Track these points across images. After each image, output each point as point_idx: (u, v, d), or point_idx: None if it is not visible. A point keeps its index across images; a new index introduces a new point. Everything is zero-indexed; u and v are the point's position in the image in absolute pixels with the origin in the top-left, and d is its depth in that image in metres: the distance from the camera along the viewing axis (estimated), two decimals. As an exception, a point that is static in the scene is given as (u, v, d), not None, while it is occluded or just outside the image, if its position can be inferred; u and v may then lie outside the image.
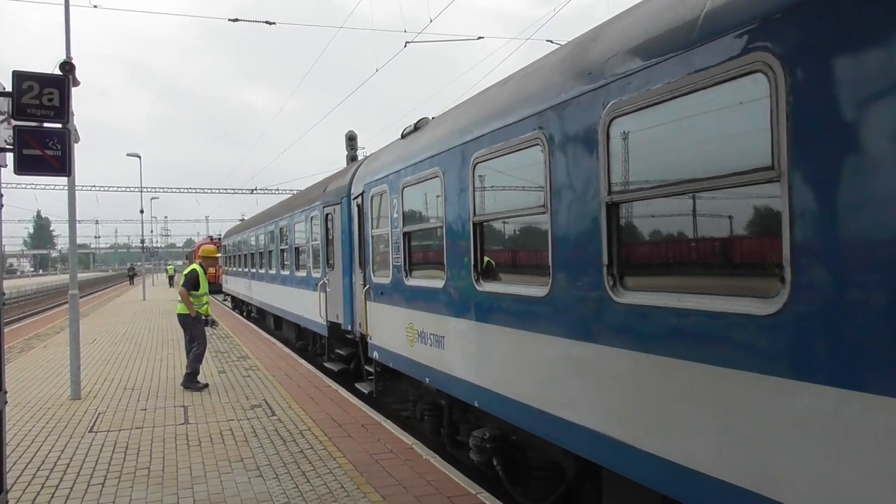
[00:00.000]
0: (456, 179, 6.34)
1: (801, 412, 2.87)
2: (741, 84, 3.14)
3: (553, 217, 4.70)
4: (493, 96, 6.07)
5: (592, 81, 4.27)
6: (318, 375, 11.73)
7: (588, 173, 4.28)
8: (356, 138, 24.66)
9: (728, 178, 3.27)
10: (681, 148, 3.73)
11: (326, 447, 7.15)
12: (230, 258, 30.86)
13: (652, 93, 3.71)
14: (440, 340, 6.85)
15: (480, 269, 5.98)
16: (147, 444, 7.48)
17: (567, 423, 4.64)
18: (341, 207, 11.36)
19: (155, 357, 14.37)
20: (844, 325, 2.68)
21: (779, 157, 2.94)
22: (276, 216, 18.44)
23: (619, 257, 4.09)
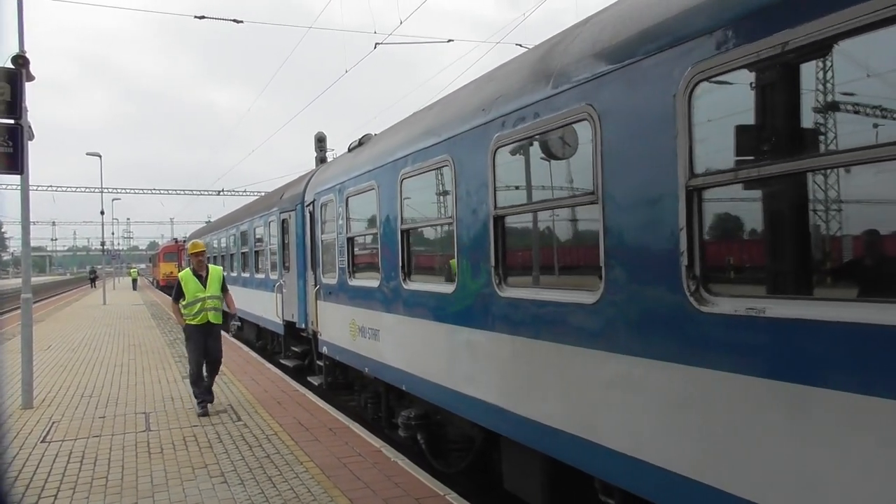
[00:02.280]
0: (388, 192, 7.26)
1: (611, 376, 3.86)
2: (573, 129, 4.13)
3: (457, 226, 5.64)
4: (419, 120, 7.02)
5: (484, 116, 5.23)
6: (285, 379, 11.70)
7: (480, 192, 5.24)
8: (326, 140, 25.21)
9: (569, 199, 4.26)
10: (541, 174, 4.72)
11: (293, 451, 7.08)
12: (193, 261, 31.25)
13: (523, 129, 4.69)
14: (376, 333, 7.76)
15: (407, 270, 6.91)
16: (105, 453, 7.22)
17: (471, 398, 5.59)
18: (296, 214, 12.19)
19: (115, 363, 13.95)
20: (633, 309, 3.68)
21: (598, 185, 3.92)
22: (238, 220, 19.15)
23: (503, 260, 5.06)
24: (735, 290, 3.16)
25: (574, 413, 4.21)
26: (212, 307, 9.18)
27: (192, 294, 9.07)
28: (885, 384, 2.44)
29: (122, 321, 24.82)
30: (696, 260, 3.26)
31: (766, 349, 2.91)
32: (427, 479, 6.06)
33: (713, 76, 3.16)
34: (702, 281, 3.25)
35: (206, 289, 9.16)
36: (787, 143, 2.91)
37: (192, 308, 9.10)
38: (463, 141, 5.56)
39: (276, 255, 13.96)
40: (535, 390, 4.64)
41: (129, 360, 14.49)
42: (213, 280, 9.25)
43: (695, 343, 3.28)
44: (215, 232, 23.93)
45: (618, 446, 3.81)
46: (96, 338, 19.30)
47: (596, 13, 4.55)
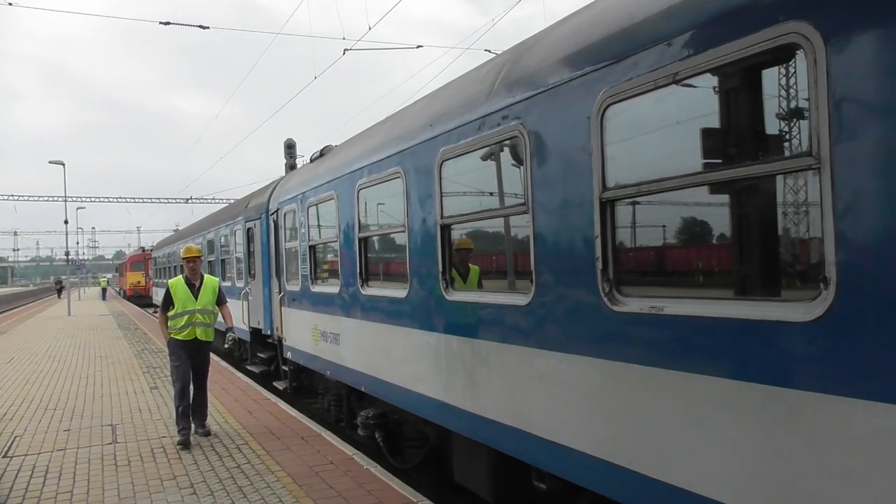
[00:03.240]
0: (346, 201, 7.58)
1: (541, 371, 4.23)
2: (507, 145, 4.51)
3: (409, 234, 5.99)
4: (374, 134, 7.36)
5: (431, 131, 5.59)
6: (256, 388, 11.66)
7: (428, 202, 5.59)
8: (295, 146, 25.33)
9: (506, 209, 4.64)
10: (481, 186, 5.09)
11: (264, 461, 7.04)
12: (161, 270, 31.15)
13: (465, 144, 5.06)
14: (337, 338, 8.06)
15: (365, 276, 7.23)
16: (70, 467, 7.07)
17: (423, 396, 5.93)
18: (261, 222, 12.42)
19: (80, 375, 13.77)
20: (560, 310, 4.06)
21: (528, 196, 4.30)
22: (205, 229, 19.24)
23: (450, 267, 5.42)
24: (641, 291, 3.56)
25: (510, 406, 4.58)
26: (202, 322, 8.04)
27: (181, 304, 7.97)
28: (755, 371, 2.84)
29: (87, 332, 24.51)
30: (610, 264, 3.65)
31: (664, 343, 3.31)
32: (400, 487, 6.06)
33: (621, 100, 3.55)
34: (614, 283, 3.64)
35: (198, 300, 8.03)
36: (677, 162, 3.32)
37: (178, 320, 7.97)
38: (412, 154, 5.92)
39: (241, 264, 14.15)
40: (478, 386, 5.00)
41: (95, 371, 14.35)
42: (207, 291, 8.13)
43: (609, 339, 3.66)
44: (183, 241, 23.92)
45: (546, 434, 4.18)
46: (60, 349, 19.02)
47: (529, 37, 4.95)
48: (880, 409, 2.39)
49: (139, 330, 24.91)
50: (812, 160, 2.59)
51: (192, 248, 8.37)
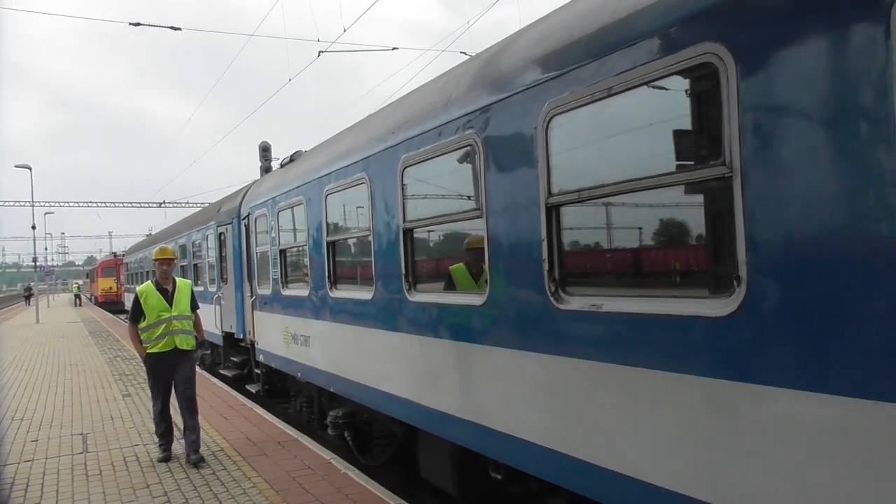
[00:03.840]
0: (315, 206, 7.75)
1: (495, 367, 4.47)
2: (463, 153, 4.74)
3: (374, 238, 6.19)
4: (341, 140, 7.55)
5: (394, 138, 5.81)
6: (232, 394, 11.56)
7: (392, 207, 5.80)
8: (270, 149, 25.30)
9: (462, 214, 4.88)
10: (441, 191, 5.32)
11: (241, 467, 6.96)
12: (133, 275, 30.90)
13: (425, 151, 5.27)
14: (307, 340, 8.23)
15: (333, 279, 7.41)
16: (38, 478, 6.89)
17: (389, 395, 6.13)
18: (233, 227, 12.51)
19: (49, 384, 13.47)
20: (511, 309, 4.30)
21: (482, 201, 4.53)
22: (177, 233, 19.22)
23: (413, 269, 5.63)
24: (583, 291, 3.80)
25: (469, 402, 4.80)
26: (180, 329, 7.25)
27: (153, 313, 7.16)
28: (680, 363, 3.10)
29: (57, 340, 24.07)
30: (555, 265, 3.89)
31: (603, 338, 3.56)
32: (378, 490, 6.08)
33: (564, 112, 3.80)
34: (560, 283, 3.88)
35: (173, 306, 7.25)
36: (612, 170, 3.57)
37: (153, 331, 7.19)
38: (377, 160, 6.12)
39: (214, 268, 14.21)
40: (439, 383, 5.22)
41: (65, 379, 14.10)
42: (182, 296, 7.35)
43: (555, 336, 3.91)
44: (155, 245, 23.83)
45: (501, 427, 4.41)
46: (28, 358, 18.58)
47: (485, 49, 5.18)
48: (786, 395, 2.66)
49: (111, 336, 24.69)
50: (725, 169, 2.86)
51: (166, 250, 7.61)
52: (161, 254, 7.54)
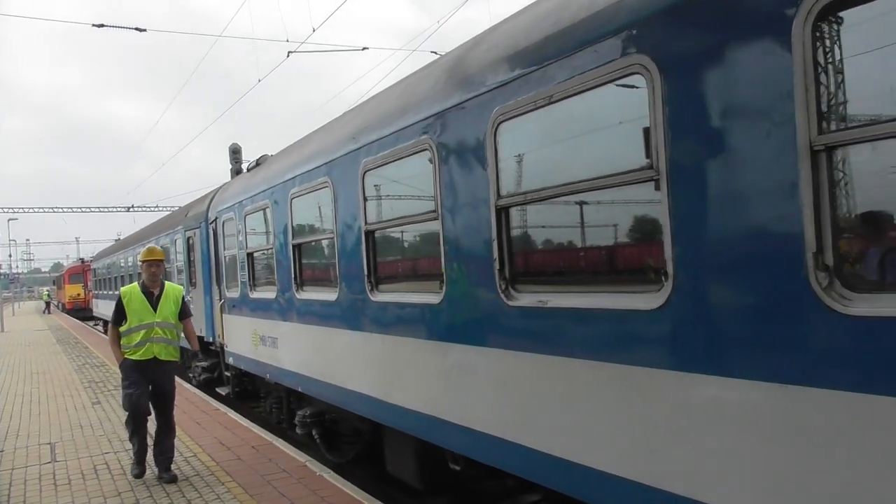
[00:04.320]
0: (280, 210, 7.87)
1: (452, 363, 4.66)
2: (419, 157, 4.92)
3: (338, 240, 6.34)
4: (305, 145, 7.68)
5: (355, 143, 5.96)
6: (205, 399, 11.43)
7: (354, 210, 5.96)
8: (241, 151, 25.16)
9: (420, 216, 5.06)
10: (400, 194, 5.50)
11: (214, 472, 6.89)
12: (100, 281, 30.51)
13: (384, 156, 5.44)
14: (275, 341, 8.34)
15: (300, 281, 7.53)
16: (4, 489, 6.72)
17: (355, 393, 6.28)
18: (201, 231, 12.53)
19: (15, 393, 13.21)
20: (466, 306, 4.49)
21: (437, 204, 4.72)
22: (145, 238, 19.07)
23: (375, 270, 5.79)
24: (531, 288, 4.01)
25: (429, 397, 4.99)
26: (161, 338, 6.71)
27: (136, 317, 6.67)
28: (617, 354, 3.32)
29: (23, 348, 23.60)
30: (506, 264, 4.09)
31: (549, 332, 3.77)
32: (354, 491, 6.06)
33: (511, 118, 4.00)
34: (509, 281, 4.08)
35: (158, 312, 6.73)
36: (554, 173, 3.78)
37: (133, 336, 6.67)
38: (339, 165, 6.27)
39: (182, 273, 14.19)
40: (402, 380, 5.39)
41: (32, 388, 13.86)
42: (168, 301, 6.83)
43: (506, 331, 4.11)
44: (122, 251, 23.61)
45: (459, 420, 4.60)
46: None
47: (439, 57, 5.37)
48: (709, 381, 2.89)
49: (79, 344, 24.35)
50: (653, 172, 3.08)
51: (154, 250, 6.99)
52: (148, 254, 6.91)
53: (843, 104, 2.45)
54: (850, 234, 2.50)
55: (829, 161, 2.44)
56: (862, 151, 2.45)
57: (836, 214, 2.44)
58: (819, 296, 2.44)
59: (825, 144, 2.43)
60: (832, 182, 2.44)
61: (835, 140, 2.42)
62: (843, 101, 2.45)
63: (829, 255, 2.44)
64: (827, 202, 2.44)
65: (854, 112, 2.45)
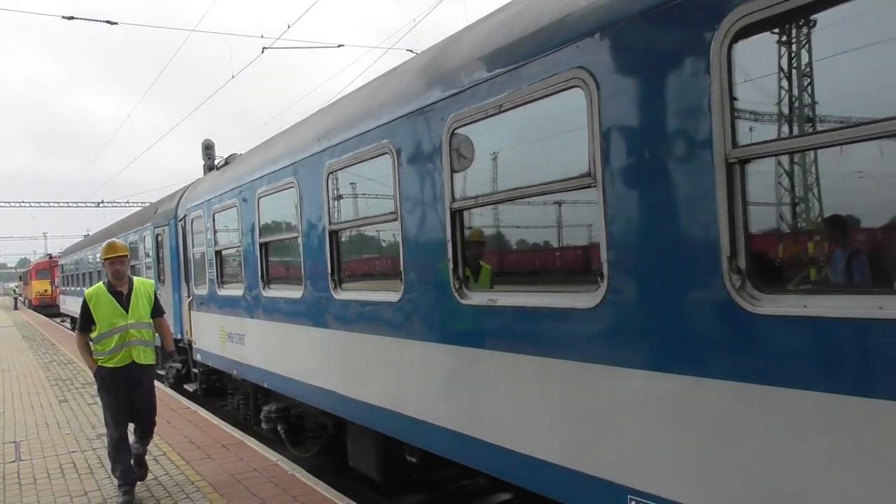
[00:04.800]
0: (248, 208, 7.97)
1: (410, 359, 4.83)
2: (380, 160, 5.09)
3: (303, 239, 6.48)
4: (272, 145, 7.79)
5: (319, 145, 6.11)
6: (175, 397, 11.35)
7: (318, 210, 6.10)
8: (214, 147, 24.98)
9: (381, 217, 5.24)
10: (362, 196, 5.66)
11: (184, 471, 6.83)
12: (68, 277, 30.11)
13: (347, 158, 5.60)
14: (242, 338, 8.43)
15: (266, 279, 7.65)
16: None
17: (319, 388, 6.42)
18: (170, 228, 12.53)
19: None
20: (422, 305, 4.67)
21: (397, 206, 4.89)
22: (113, 235, 18.92)
23: (338, 268, 5.95)
24: (482, 287, 4.20)
25: (389, 392, 5.16)
26: (139, 340, 6.09)
27: (106, 321, 6.00)
28: (558, 350, 3.53)
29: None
30: (459, 264, 4.28)
31: (498, 329, 3.97)
32: (325, 490, 6.03)
33: (464, 125, 4.19)
34: (462, 280, 4.27)
35: (130, 312, 6.07)
36: (504, 179, 3.98)
37: (106, 342, 6.01)
38: (304, 166, 6.41)
39: (151, 270, 14.15)
40: (363, 376, 5.56)
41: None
42: (140, 299, 6.17)
43: (459, 328, 4.30)
44: (90, 247, 23.36)
45: (416, 414, 4.79)
46: (-45, 366, 17.79)
47: (400, 64, 5.54)
48: (639, 375, 3.10)
49: (46, 340, 24.02)
50: (590, 179, 3.29)
51: (116, 245, 6.23)
52: (110, 251, 6.15)
53: (754, 121, 2.68)
54: (760, 240, 2.72)
55: (742, 172, 2.67)
56: (771, 164, 2.68)
57: (749, 221, 2.67)
58: (732, 296, 2.67)
59: (738, 157, 2.65)
60: (744, 192, 2.67)
61: (747, 153, 2.64)
62: (754, 118, 2.68)
63: (742, 259, 2.67)
64: (740, 210, 2.67)
65: (764, 128, 2.68)
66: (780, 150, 2.61)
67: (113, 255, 6.13)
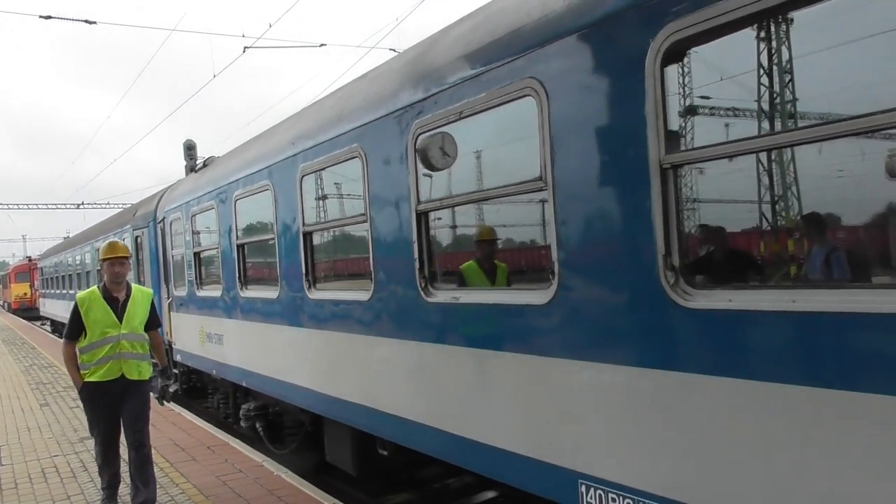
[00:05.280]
0: (225, 211, 8.10)
1: (381, 355, 5.02)
2: (351, 164, 5.27)
3: (278, 241, 6.63)
4: (248, 149, 7.93)
5: (293, 149, 6.27)
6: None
7: (293, 212, 6.26)
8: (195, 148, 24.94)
9: (352, 219, 5.41)
10: (334, 197, 5.84)
11: (168, 474, 6.79)
12: (48, 280, 29.91)
13: (319, 161, 5.76)
14: (220, 338, 8.56)
15: (244, 280, 7.79)
16: None
17: (295, 386, 6.59)
18: (149, 230, 12.59)
19: None
20: (391, 303, 4.86)
21: (367, 208, 5.07)
22: (93, 237, 18.90)
23: (312, 269, 6.12)
24: (446, 286, 4.40)
25: (362, 388, 5.34)
26: (131, 353, 5.51)
27: (97, 329, 5.41)
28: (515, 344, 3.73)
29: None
30: (425, 264, 4.47)
31: (460, 325, 4.16)
32: (312, 491, 6.00)
33: (428, 130, 4.38)
34: (428, 279, 4.46)
35: (124, 322, 5.48)
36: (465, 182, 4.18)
37: (94, 352, 5.41)
38: (279, 169, 6.56)
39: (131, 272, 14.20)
40: (337, 373, 5.73)
41: None
42: (137, 308, 5.60)
43: (425, 325, 4.49)
44: (70, 250, 23.26)
45: (388, 409, 4.97)
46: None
47: (369, 70, 5.72)
48: (588, 367, 3.31)
49: (27, 344, 23.89)
50: (542, 183, 3.49)
51: (116, 245, 5.69)
52: (110, 251, 5.59)
53: (685, 129, 2.89)
54: (691, 239, 2.94)
55: (675, 177, 2.88)
56: (701, 169, 2.90)
57: (681, 222, 2.88)
58: (667, 292, 2.88)
59: (671, 163, 2.86)
60: (677, 195, 2.88)
61: (679, 160, 2.86)
62: (685, 127, 2.89)
63: (676, 257, 2.88)
64: (674, 211, 2.88)
65: (695, 136, 2.89)
66: (708, 156, 2.83)
67: (112, 255, 5.55)
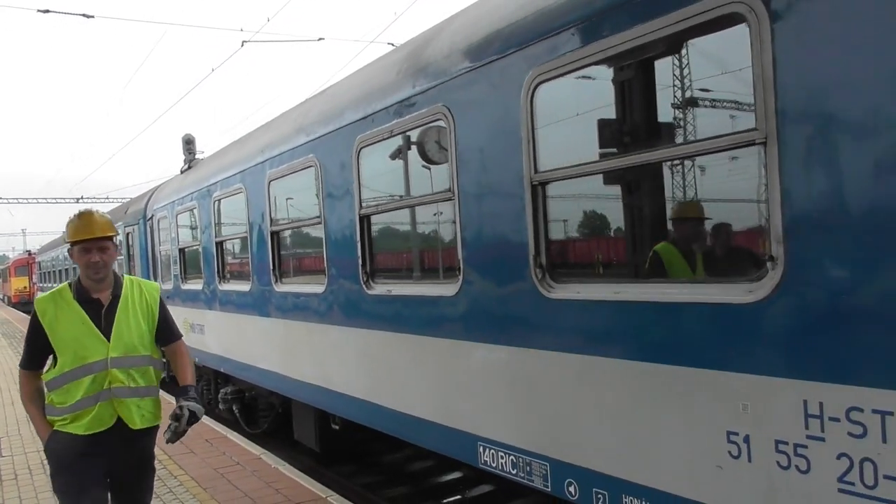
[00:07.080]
0: (206, 210, 8.77)
1: (332, 340, 5.69)
2: (308, 172, 5.93)
3: (250, 238, 7.30)
4: (226, 154, 8.59)
5: (262, 156, 6.93)
6: None
7: (262, 213, 6.93)
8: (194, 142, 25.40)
9: (309, 220, 6.08)
10: (296, 201, 6.52)
11: (166, 466, 6.85)
12: (45, 274, 30.65)
13: (283, 169, 6.43)
14: (202, 328, 9.25)
15: (223, 275, 8.46)
16: None
17: (267, 371, 7.27)
18: (139, 227, 13.26)
19: None
20: (340, 295, 5.53)
21: (321, 211, 5.73)
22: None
23: (279, 265, 6.79)
24: (383, 280, 5.07)
25: (318, 370, 6.02)
26: (128, 388, 3.54)
27: (69, 352, 3.42)
28: (431, 329, 4.40)
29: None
30: (367, 261, 5.14)
31: (393, 314, 4.84)
32: (309, 483, 6.10)
33: (368, 145, 5.04)
34: (370, 274, 5.13)
35: (113, 337, 3.48)
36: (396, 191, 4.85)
37: (69, 389, 3.41)
38: (250, 174, 7.23)
39: (122, 267, 14.87)
40: (300, 358, 6.41)
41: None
42: (133, 312, 3.61)
43: (367, 314, 5.16)
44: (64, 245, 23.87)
45: (338, 388, 5.65)
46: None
47: (327, 87, 6.37)
48: (483, 348, 3.98)
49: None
50: (450, 194, 4.16)
51: (92, 219, 3.53)
52: (84, 229, 3.49)
53: (548, 152, 3.56)
54: (555, 243, 3.61)
55: (543, 192, 3.54)
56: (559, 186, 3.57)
57: (548, 228, 3.55)
58: (536, 285, 3.55)
59: (539, 181, 3.53)
60: (545, 207, 3.55)
61: (542, 178, 3.52)
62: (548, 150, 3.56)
63: (543, 257, 3.55)
64: (542, 220, 3.54)
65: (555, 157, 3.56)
66: (566, 175, 3.49)
67: (87, 236, 3.48)
